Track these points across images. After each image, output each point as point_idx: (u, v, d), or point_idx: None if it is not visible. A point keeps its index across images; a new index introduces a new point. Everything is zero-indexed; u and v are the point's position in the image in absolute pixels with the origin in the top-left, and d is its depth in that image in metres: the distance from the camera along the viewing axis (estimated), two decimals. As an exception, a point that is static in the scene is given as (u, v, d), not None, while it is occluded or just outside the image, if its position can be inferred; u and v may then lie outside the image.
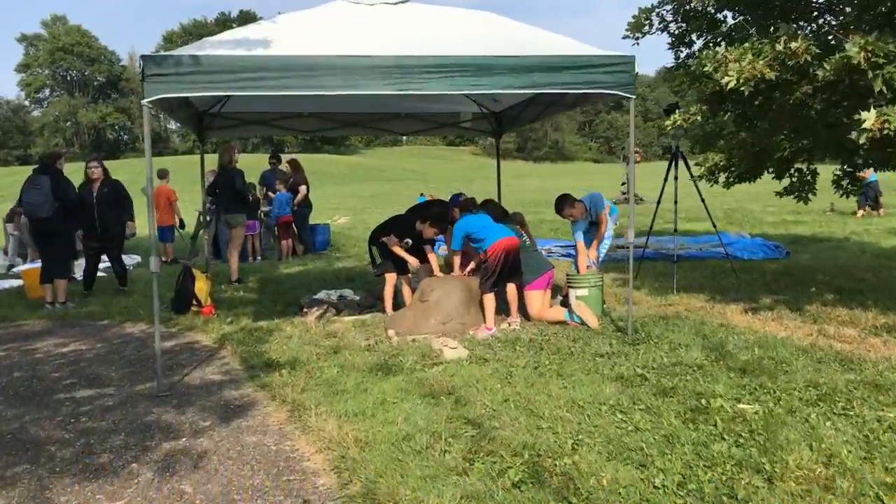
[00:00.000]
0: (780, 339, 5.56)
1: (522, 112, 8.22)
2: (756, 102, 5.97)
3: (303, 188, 13.25)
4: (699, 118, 6.21)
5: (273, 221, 12.99)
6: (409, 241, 6.89)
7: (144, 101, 4.86)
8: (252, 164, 11.56)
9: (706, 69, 5.49)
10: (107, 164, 9.65)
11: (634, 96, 5.57)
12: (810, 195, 6.96)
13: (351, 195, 44.44)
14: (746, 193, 33.73)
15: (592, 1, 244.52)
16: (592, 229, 7.57)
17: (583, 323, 6.38)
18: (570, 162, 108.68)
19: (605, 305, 7.02)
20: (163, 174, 13.34)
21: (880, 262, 9.40)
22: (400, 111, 8.61)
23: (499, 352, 5.54)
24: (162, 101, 5.20)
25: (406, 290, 7.19)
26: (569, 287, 6.90)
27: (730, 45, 5.86)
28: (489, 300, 6.20)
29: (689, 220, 18.92)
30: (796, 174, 6.61)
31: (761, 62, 5.09)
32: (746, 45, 5.32)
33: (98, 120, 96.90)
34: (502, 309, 6.52)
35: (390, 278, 7.00)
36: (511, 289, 6.44)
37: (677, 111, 6.39)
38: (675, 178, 8.24)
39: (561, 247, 12.23)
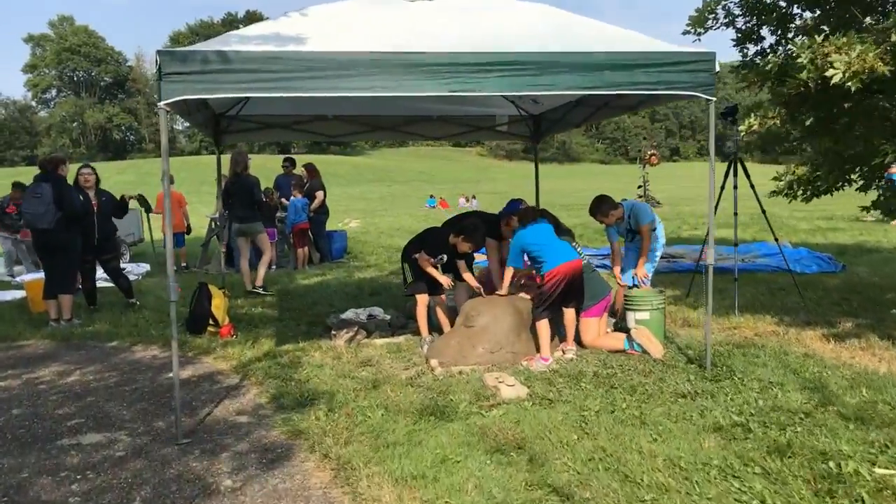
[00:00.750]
0: (882, 375, 4.87)
1: (567, 115, 7.55)
2: (847, 104, 5.29)
3: (319, 194, 12.61)
4: (777, 122, 5.52)
5: (288, 229, 12.34)
6: (444, 256, 6.22)
7: (162, 104, 4.20)
8: (258, 166, 10.91)
9: (800, 60, 4.80)
10: (113, 165, 9.12)
11: (715, 98, 4.90)
12: None
13: (359, 197, 43.93)
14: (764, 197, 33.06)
15: (594, 1, 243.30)
16: (631, 245, 6.89)
17: (644, 352, 5.70)
18: (577, 163, 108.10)
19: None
20: (170, 179, 12.68)
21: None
22: (431, 114, 7.95)
23: (562, 389, 4.87)
24: (178, 104, 4.56)
25: (440, 312, 6.51)
26: (626, 309, 6.23)
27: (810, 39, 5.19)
28: (544, 327, 5.53)
29: (724, 226, 18.23)
30: (885, 184, 5.91)
31: (871, 54, 4.40)
32: (849, 35, 4.63)
33: (105, 120, 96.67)
34: (554, 332, 5.85)
35: (422, 299, 6.31)
36: (569, 314, 5.78)
37: (753, 115, 5.69)
38: (735, 186, 7.56)
39: (595, 255, 11.54)
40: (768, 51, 6.40)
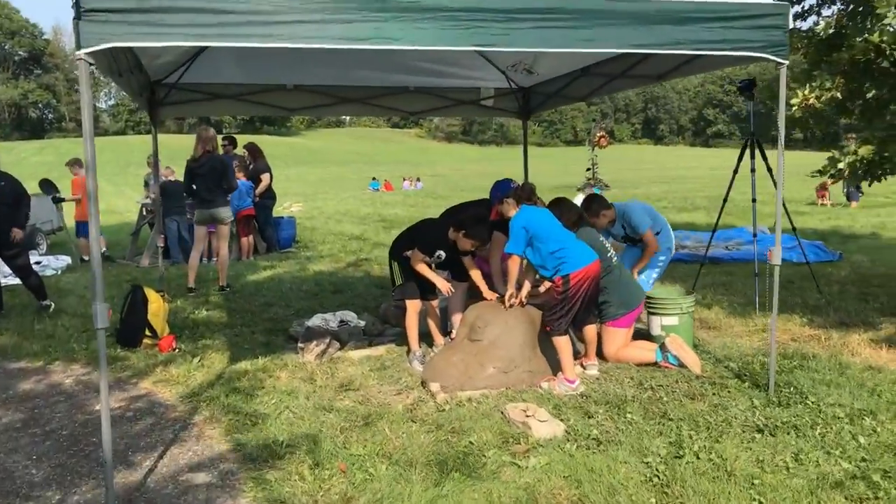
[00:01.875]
0: (976, 395, 4.10)
1: (566, 88, 6.55)
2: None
3: (265, 176, 11.32)
4: (838, 94, 4.66)
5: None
6: (443, 253, 5.16)
7: (81, 53, 2.98)
8: (186, 148, 9.56)
9: (887, 21, 3.92)
10: (30, 145, 7.59)
11: (788, 62, 3.99)
12: None
13: (297, 179, 42.23)
14: (717, 179, 33.14)
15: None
16: (628, 253, 5.94)
17: (681, 365, 4.81)
18: (515, 146, 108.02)
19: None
20: (80, 163, 10.97)
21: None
22: (408, 85, 6.82)
23: (605, 423, 3.91)
24: (106, 57, 3.36)
25: (432, 321, 5.45)
26: (650, 313, 5.32)
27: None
28: (565, 344, 4.54)
29: (685, 209, 17.73)
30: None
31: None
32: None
33: (19, 97, 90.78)
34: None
35: (413, 306, 5.23)
36: (590, 330, 4.82)
37: (808, 86, 4.81)
38: (753, 170, 6.76)
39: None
40: (807, 12, 5.54)
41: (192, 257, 8.20)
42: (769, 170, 6.84)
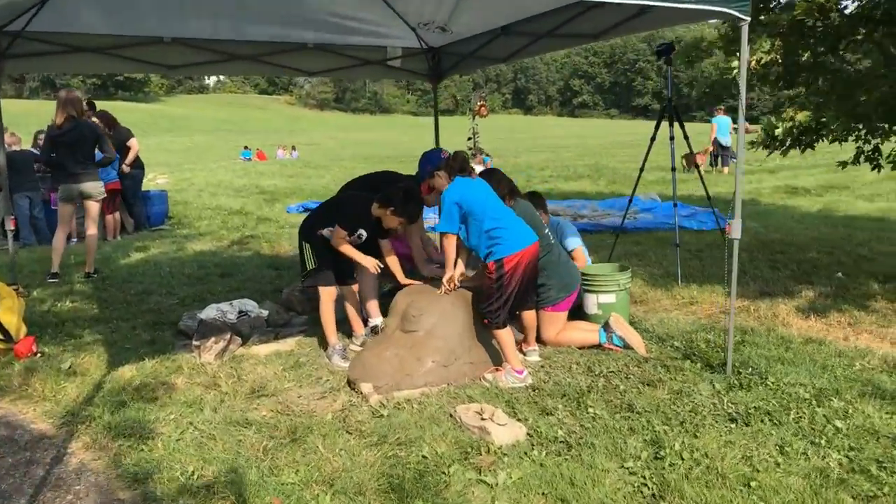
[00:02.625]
0: (921, 365, 4.06)
1: (484, 48, 6.02)
2: (861, 33, 4.32)
3: (134, 142, 10.06)
4: (778, 57, 4.44)
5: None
6: (364, 233, 4.54)
7: None
8: (30, 113, 8.20)
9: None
10: None
11: (749, 18, 3.67)
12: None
13: (159, 149, 39.23)
14: (589, 148, 34.04)
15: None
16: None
17: (626, 346, 4.51)
18: (389, 115, 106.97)
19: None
20: None
21: (855, 233, 8.51)
22: (306, 41, 6.03)
23: (567, 420, 3.50)
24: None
25: (351, 308, 4.83)
26: (586, 291, 4.98)
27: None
28: (506, 336, 4.08)
29: (570, 178, 17.84)
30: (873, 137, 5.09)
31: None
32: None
33: None
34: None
35: (328, 294, 4.58)
36: (529, 316, 4.39)
37: (750, 47, 4.56)
38: (672, 137, 6.55)
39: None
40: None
41: (58, 238, 7.03)
42: (686, 137, 6.70)
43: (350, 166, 24.46)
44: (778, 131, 4.57)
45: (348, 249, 4.44)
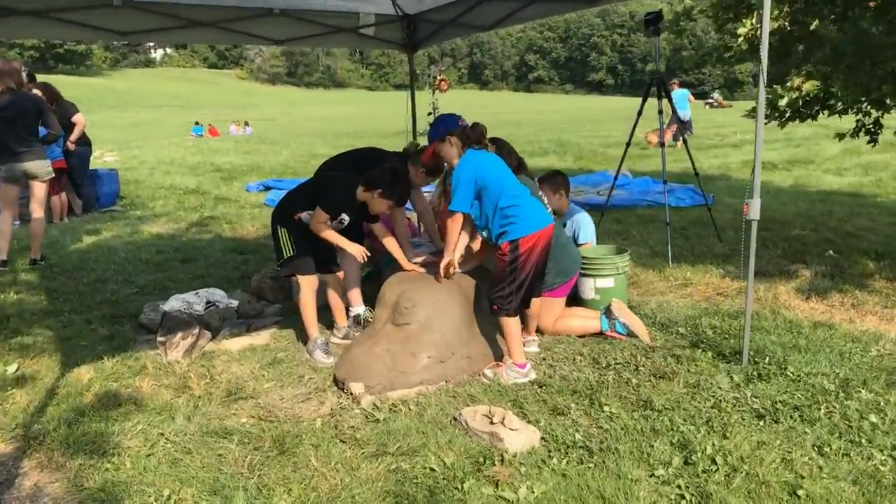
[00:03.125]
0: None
1: (466, 14, 5.61)
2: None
3: (80, 118, 9.33)
4: (785, 24, 4.17)
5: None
6: (346, 217, 4.14)
7: None
8: None
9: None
10: None
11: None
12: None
13: (104, 125, 37.59)
14: (548, 123, 33.82)
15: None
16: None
17: (630, 334, 4.24)
18: (343, 89, 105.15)
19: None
20: None
21: (833, 208, 8.41)
22: (272, 6, 5.53)
23: (581, 421, 3.21)
24: None
25: (334, 296, 4.44)
26: (582, 275, 4.68)
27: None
28: (514, 325, 3.76)
29: (536, 154, 17.52)
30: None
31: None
32: None
33: None
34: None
35: (308, 283, 4.17)
36: (535, 302, 4.07)
37: (754, 16, 4.28)
38: (660, 111, 6.28)
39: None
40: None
41: (4, 221, 6.43)
42: (673, 111, 6.43)
43: (308, 142, 23.76)
44: (782, 101, 4.31)
45: (331, 235, 4.04)
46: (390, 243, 4.16)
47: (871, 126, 5.05)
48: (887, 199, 8.82)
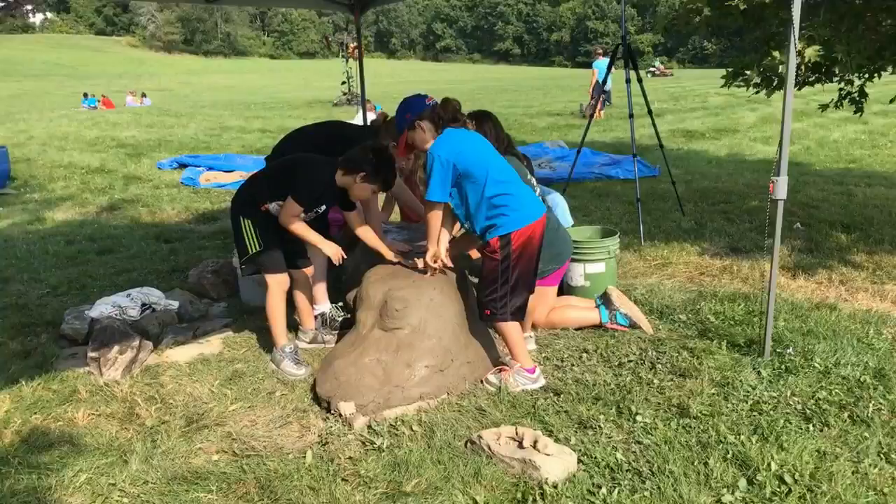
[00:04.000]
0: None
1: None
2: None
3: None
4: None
5: None
6: (322, 207, 3.55)
7: None
8: None
9: None
10: None
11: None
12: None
13: (-18, 96, 34.35)
14: (464, 93, 33.32)
15: None
16: None
17: (632, 325, 3.88)
18: (244, 58, 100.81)
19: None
20: None
21: (769, 177, 8.38)
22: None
23: (612, 432, 2.81)
24: None
25: (302, 297, 3.83)
26: (572, 260, 4.27)
27: None
28: (513, 329, 3.31)
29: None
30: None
31: None
32: None
33: None
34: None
35: (277, 283, 3.55)
36: (530, 298, 3.60)
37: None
38: (627, 80, 5.92)
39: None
40: None
41: None
42: (639, 80, 6.09)
43: (215, 114, 22.35)
44: (783, 69, 4.01)
45: (303, 230, 3.43)
46: (367, 234, 3.60)
47: (855, 95, 4.88)
48: (825, 168, 8.91)
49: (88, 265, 5.52)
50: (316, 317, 4.01)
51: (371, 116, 13.92)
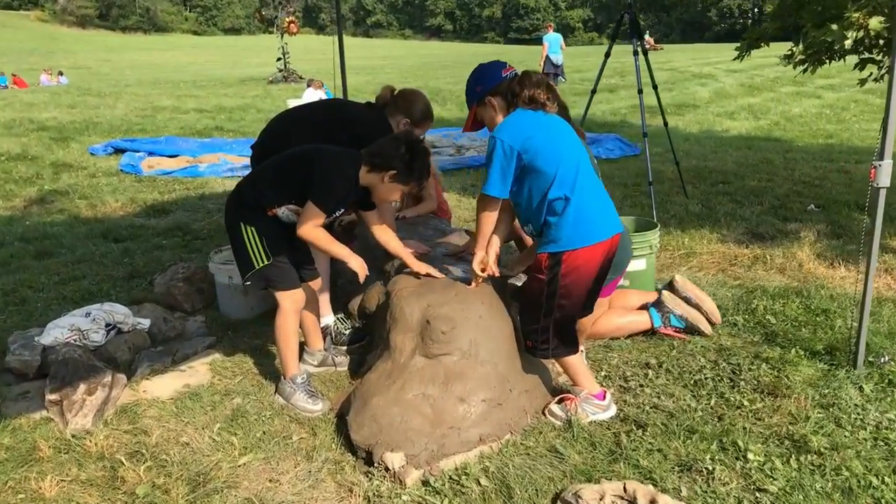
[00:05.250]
0: None
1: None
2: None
3: None
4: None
5: None
6: (341, 209, 2.91)
7: None
8: None
9: None
10: None
11: None
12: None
13: None
14: (405, 70, 32.41)
15: None
16: None
17: (689, 328, 3.40)
18: (166, 34, 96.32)
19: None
20: None
21: (767, 155, 8.09)
22: None
23: (723, 475, 2.31)
24: None
25: (309, 315, 3.15)
26: (607, 257, 3.75)
27: None
28: (573, 359, 2.78)
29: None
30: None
31: None
32: None
33: None
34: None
35: (291, 301, 2.86)
36: (585, 320, 3.01)
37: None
38: (635, 53, 5.42)
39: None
40: None
41: None
42: (645, 52, 5.60)
43: (142, 93, 20.86)
44: (848, 42, 3.56)
45: (326, 243, 2.77)
46: (389, 239, 2.97)
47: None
48: (806, 143, 8.72)
49: (26, 272, 4.68)
50: (322, 328, 3.38)
51: (319, 94, 13.00)
